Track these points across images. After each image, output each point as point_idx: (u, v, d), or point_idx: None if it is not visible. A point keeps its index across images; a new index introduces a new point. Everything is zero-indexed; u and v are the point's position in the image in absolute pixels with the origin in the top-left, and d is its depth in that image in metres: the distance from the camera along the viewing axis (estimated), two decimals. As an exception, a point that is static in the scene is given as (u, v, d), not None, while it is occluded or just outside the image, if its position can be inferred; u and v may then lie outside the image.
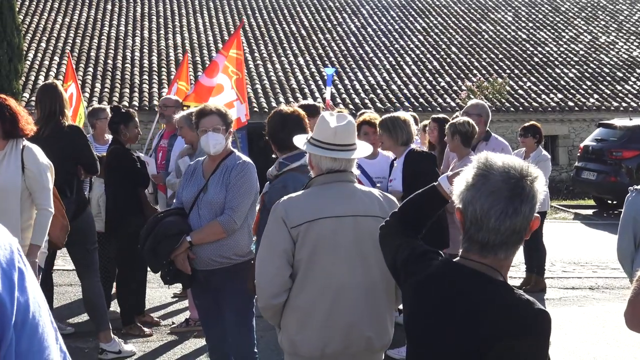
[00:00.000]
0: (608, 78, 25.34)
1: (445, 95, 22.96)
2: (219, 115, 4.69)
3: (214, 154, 4.69)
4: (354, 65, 24.45)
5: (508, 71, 24.95)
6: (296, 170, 4.23)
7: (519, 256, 9.14)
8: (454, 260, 2.21)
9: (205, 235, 4.57)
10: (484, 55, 26.12)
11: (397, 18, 28.51)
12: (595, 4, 31.73)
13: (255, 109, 19.67)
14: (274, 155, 4.51)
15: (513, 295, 2.06)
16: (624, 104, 23.59)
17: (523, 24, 29.07)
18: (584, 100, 23.60)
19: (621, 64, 26.43)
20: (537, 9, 30.71)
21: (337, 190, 3.40)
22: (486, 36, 27.69)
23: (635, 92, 24.54)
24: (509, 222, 2.05)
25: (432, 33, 27.55)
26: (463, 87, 22.90)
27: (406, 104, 21.54)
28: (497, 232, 2.07)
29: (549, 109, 22.90)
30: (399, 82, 23.62)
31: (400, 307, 3.67)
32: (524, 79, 24.72)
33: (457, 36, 27.46)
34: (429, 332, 2.17)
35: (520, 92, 23.75)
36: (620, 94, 24.28)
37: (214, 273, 4.62)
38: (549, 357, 2.07)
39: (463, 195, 2.12)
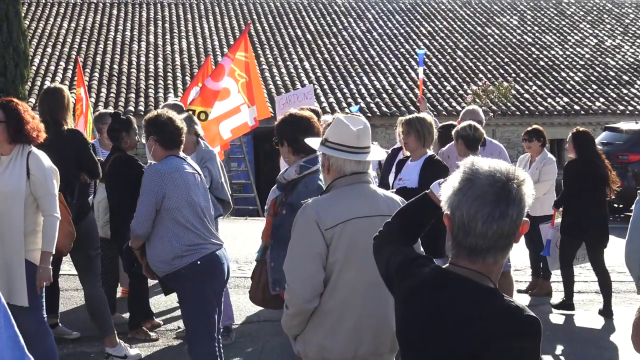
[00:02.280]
0: (614, 82, 25.30)
1: (451, 100, 22.95)
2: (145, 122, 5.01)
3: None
4: (359, 70, 24.46)
5: (514, 75, 24.94)
6: (318, 172, 4.25)
7: (525, 260, 9.11)
8: (444, 266, 2.21)
9: (131, 241, 4.92)
10: (490, 59, 26.10)
11: (402, 22, 28.52)
12: (601, 8, 31.70)
13: (261, 114, 19.65)
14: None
15: (503, 302, 2.05)
16: (630, 108, 23.56)
17: (528, 28, 29.06)
18: (589, 103, 23.56)
19: (627, 67, 26.40)
20: (542, 12, 30.70)
21: (359, 192, 3.39)
22: (492, 40, 27.68)
23: (641, 95, 24.52)
24: (495, 226, 2.03)
25: (437, 37, 27.55)
26: (469, 91, 22.90)
27: (412, 108, 21.53)
28: (485, 236, 2.05)
29: (555, 112, 22.87)
30: (405, 87, 23.61)
31: None
32: (530, 83, 24.70)
33: (462, 40, 27.46)
34: (422, 338, 2.17)
35: (526, 95, 23.73)
36: (626, 98, 24.24)
37: (164, 279, 4.88)
38: None
39: (450, 201, 2.11)
